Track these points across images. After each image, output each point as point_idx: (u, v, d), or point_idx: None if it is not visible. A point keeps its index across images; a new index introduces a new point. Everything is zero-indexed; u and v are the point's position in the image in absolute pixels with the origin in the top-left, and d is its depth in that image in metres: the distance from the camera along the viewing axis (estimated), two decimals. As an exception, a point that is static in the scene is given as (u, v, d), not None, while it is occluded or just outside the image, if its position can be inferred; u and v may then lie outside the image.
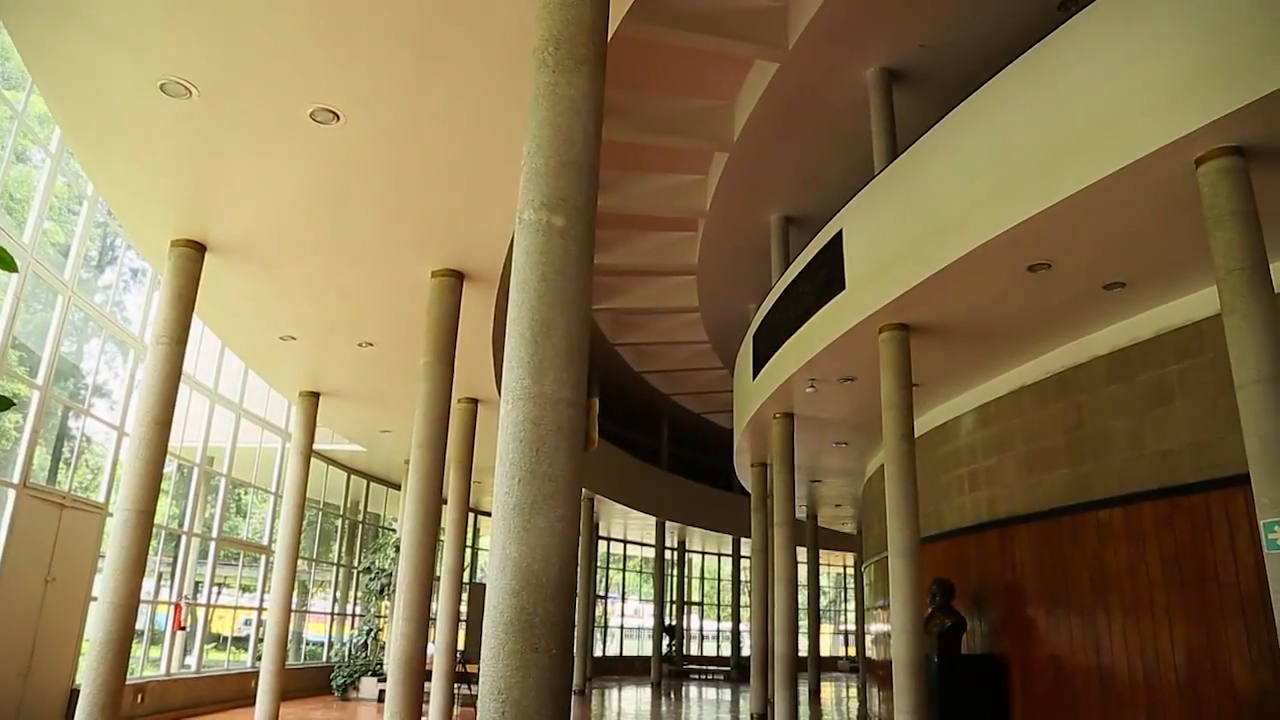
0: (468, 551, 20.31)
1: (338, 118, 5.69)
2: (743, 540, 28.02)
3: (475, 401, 12.01)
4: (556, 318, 3.33)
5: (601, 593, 27.86)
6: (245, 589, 15.26)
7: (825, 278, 9.02)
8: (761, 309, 11.69)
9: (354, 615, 18.45)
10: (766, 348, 11.13)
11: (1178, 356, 7.49)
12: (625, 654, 28.69)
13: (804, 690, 20.11)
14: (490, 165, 6.24)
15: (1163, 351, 7.63)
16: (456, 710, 12.98)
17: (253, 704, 11.36)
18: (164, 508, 12.28)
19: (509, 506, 3.15)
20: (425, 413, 7.80)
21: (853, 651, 31.01)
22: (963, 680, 9.32)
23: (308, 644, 17.73)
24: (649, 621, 26.53)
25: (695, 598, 32.46)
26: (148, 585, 11.68)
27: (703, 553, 32.25)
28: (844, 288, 8.60)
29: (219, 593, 14.21)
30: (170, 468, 12.41)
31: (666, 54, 9.99)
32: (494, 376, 10.59)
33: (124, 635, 6.66)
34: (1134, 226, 6.22)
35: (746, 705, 16.86)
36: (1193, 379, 7.32)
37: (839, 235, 8.82)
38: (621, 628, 29.49)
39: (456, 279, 8.03)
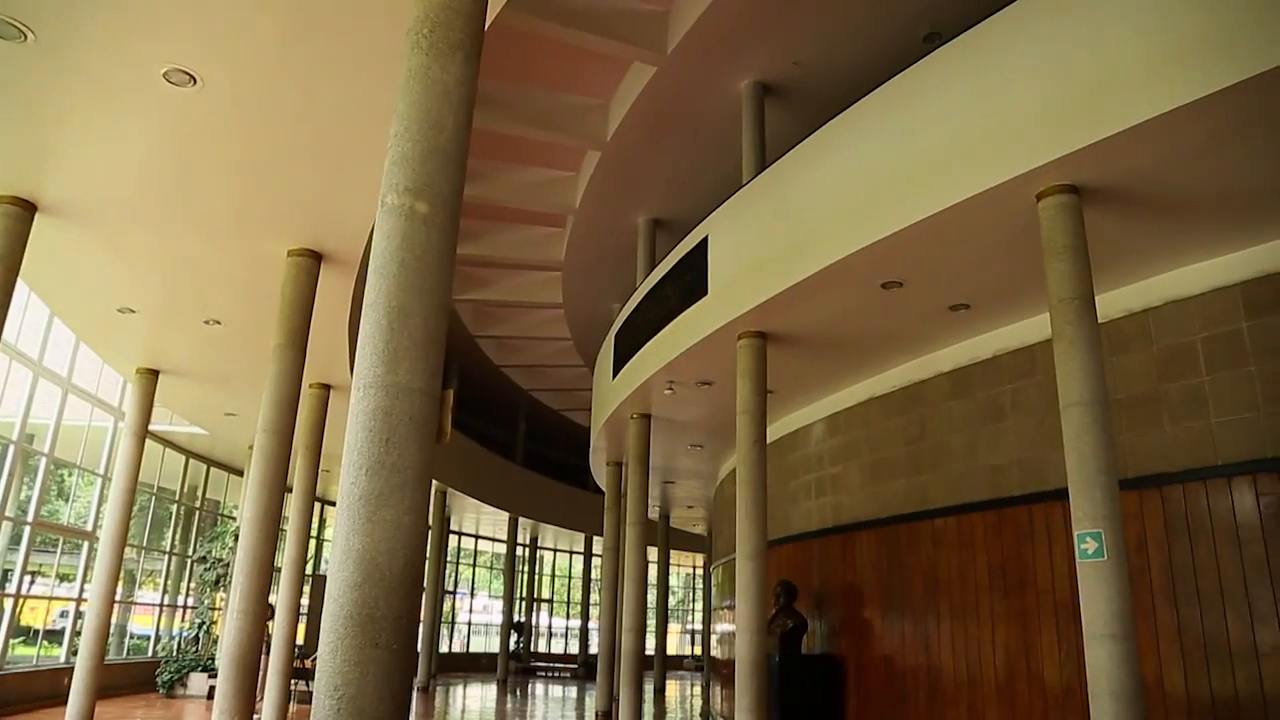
0: (312, 542, 19.60)
1: (194, 81, 5.38)
2: (595, 538, 28.15)
3: (328, 387, 11.61)
4: (414, 306, 3.25)
5: (450, 588, 27.42)
6: (63, 578, 14.23)
7: (689, 282, 9.16)
8: (625, 309, 11.77)
9: (185, 607, 17.51)
10: (627, 348, 11.21)
11: (1012, 377, 7.98)
12: (472, 651, 28.34)
13: (649, 688, 20.37)
14: (355, 145, 6.03)
15: (999, 371, 8.11)
16: (293, 707, 12.50)
17: (64, 703, 10.60)
18: (-27, 487, 11.32)
19: (355, 497, 3.06)
20: (273, 396, 7.49)
21: (699, 650, 31.62)
22: (801, 679, 9.65)
23: (133, 638, 16.69)
24: (498, 618, 26.30)
25: (546, 595, 32.39)
26: (-51, 571, 10.75)
27: (555, 550, 32.21)
28: (706, 293, 8.75)
29: (32, 582, 13.19)
30: (-18, 444, 11.45)
31: (545, 47, 9.91)
32: (348, 363, 10.25)
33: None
34: (980, 253, 6.58)
35: (592, 703, 16.92)
36: (1024, 398, 7.82)
37: (704, 241, 8.97)
38: (469, 624, 29.11)
39: (314, 260, 7.74)
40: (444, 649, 25.78)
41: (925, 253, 6.61)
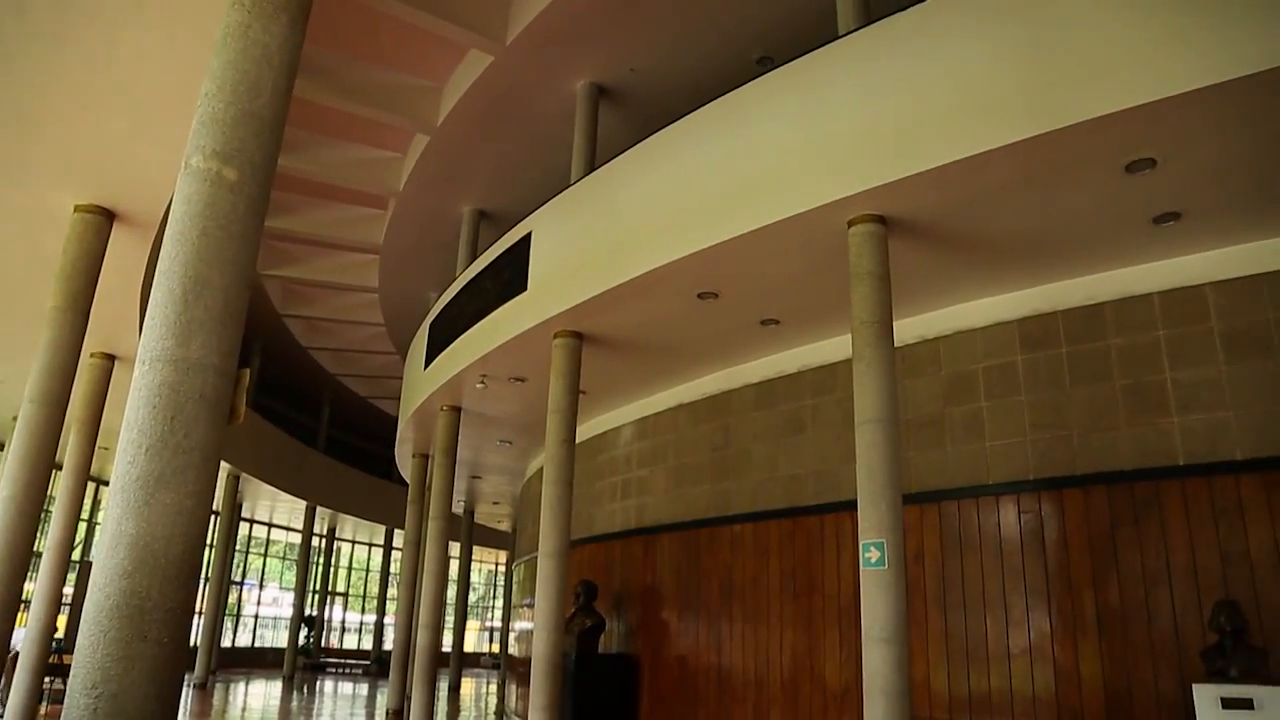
0: (83, 526, 18.04)
1: (-30, 8, 4.85)
2: (396, 531, 27.40)
3: (112, 358, 10.73)
4: (214, 277, 3.05)
5: (238, 578, 25.95)
6: None
7: (509, 277, 9.08)
8: (442, 299, 11.53)
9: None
10: (442, 338, 10.99)
11: (813, 392, 8.39)
12: (259, 645, 26.89)
13: (444, 686, 20.02)
14: (161, 99, 5.61)
15: (802, 386, 8.51)
16: (45, 707, 11.44)
17: None
18: None
19: (131, 478, 2.84)
20: (46, 364, 6.86)
21: (497, 648, 31.38)
22: (597, 677, 9.74)
23: None
24: (289, 611, 25.10)
25: (341, 588, 31.22)
26: None
27: (353, 542, 31.11)
28: (526, 289, 8.70)
29: None
30: None
31: (380, 22, 9.54)
32: (138, 333, 9.50)
33: None
34: (792, 272, 6.88)
35: (383, 700, 16.46)
36: (823, 413, 8.23)
37: (528, 237, 8.93)
38: (256, 617, 27.61)
39: (105, 218, 7.14)
40: (227, 643, 24.35)
41: (741, 267, 6.84)
